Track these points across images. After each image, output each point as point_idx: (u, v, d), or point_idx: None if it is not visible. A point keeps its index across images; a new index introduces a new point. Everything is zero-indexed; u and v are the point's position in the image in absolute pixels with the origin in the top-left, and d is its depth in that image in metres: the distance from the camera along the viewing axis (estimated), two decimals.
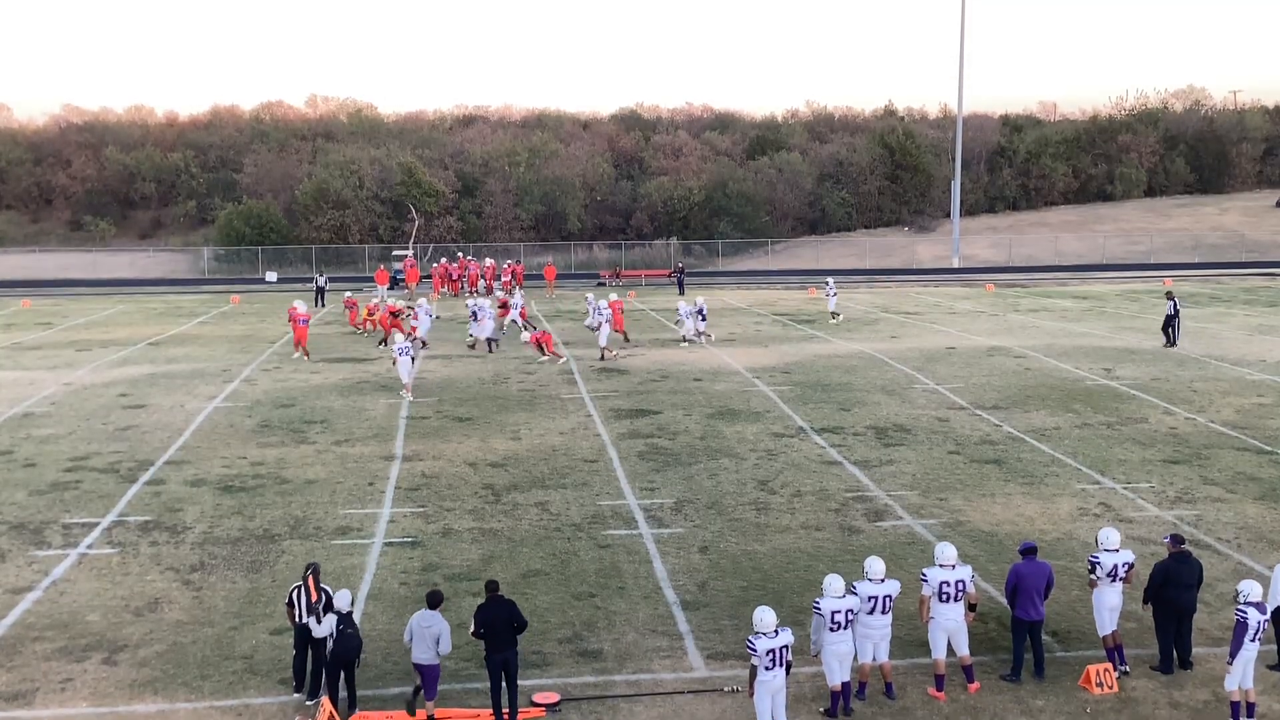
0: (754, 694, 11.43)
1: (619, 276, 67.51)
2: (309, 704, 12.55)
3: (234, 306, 40.65)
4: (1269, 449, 23.48)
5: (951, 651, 12.91)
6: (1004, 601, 13.95)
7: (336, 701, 12.24)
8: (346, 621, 12.32)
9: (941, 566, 12.85)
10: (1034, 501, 19.91)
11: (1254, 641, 11.92)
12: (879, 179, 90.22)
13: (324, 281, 54.93)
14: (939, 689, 12.71)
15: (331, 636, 12.32)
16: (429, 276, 60.35)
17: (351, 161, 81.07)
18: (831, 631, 12.21)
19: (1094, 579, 13.36)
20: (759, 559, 17.06)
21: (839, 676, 12.24)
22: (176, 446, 24.10)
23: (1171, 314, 37.10)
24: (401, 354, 29.23)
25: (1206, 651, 13.65)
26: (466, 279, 58.77)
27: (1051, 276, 69.44)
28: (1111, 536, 13.47)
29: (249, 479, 21.51)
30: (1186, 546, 13.69)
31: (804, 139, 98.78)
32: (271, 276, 68.53)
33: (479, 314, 37.34)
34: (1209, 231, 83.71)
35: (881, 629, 12.61)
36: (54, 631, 14.50)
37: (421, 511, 19.42)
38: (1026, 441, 24.20)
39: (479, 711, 12.30)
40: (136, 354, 37.16)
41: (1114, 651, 13.29)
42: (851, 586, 12.58)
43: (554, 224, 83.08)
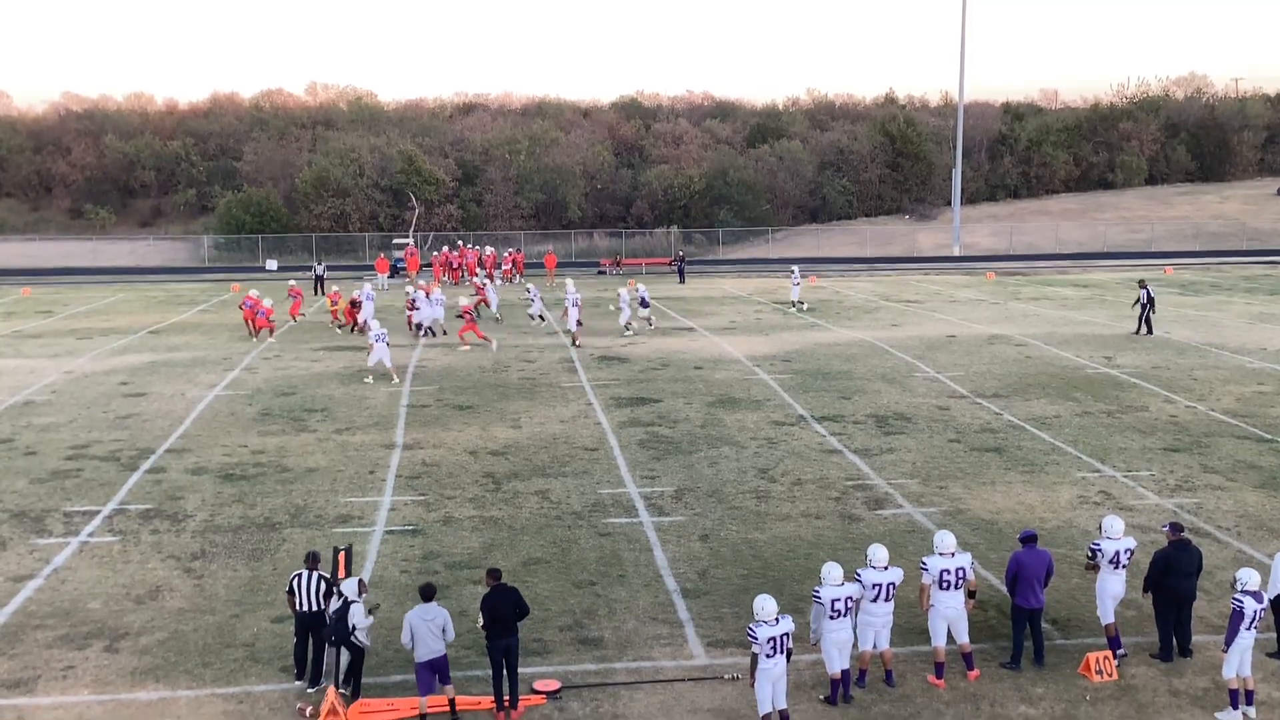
0: (754, 682, 11.46)
1: (619, 265, 67.41)
2: (310, 691, 12.59)
3: (235, 294, 40.98)
4: (1269, 437, 23.49)
5: (951, 639, 12.94)
6: (1004, 589, 13.98)
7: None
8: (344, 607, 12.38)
9: (941, 554, 12.87)
10: (1034, 490, 19.93)
11: (1250, 630, 11.94)
12: (880, 167, 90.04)
13: (322, 270, 54.86)
14: (939, 676, 12.74)
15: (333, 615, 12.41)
16: (429, 264, 60.32)
17: (351, 149, 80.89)
18: (831, 619, 12.24)
19: (1093, 564, 13.39)
20: (759, 547, 17.08)
21: (839, 664, 12.27)
22: (177, 435, 24.12)
23: (1145, 303, 37.05)
24: (378, 340, 29.76)
25: (1206, 639, 13.68)
26: (466, 267, 58.74)
27: (1052, 264, 69.37)
28: (1115, 525, 13.48)
29: (250, 467, 21.53)
30: (1186, 534, 13.71)
31: (805, 127, 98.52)
32: (272, 265, 68.47)
33: (418, 301, 37.95)
34: (1210, 220, 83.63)
35: (884, 617, 12.64)
36: (55, 619, 14.53)
37: (422, 500, 19.44)
38: (1027, 430, 24.21)
39: (480, 699, 12.33)
40: (137, 342, 37.16)
41: (1115, 640, 13.33)
42: (855, 574, 12.62)
43: (554, 212, 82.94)
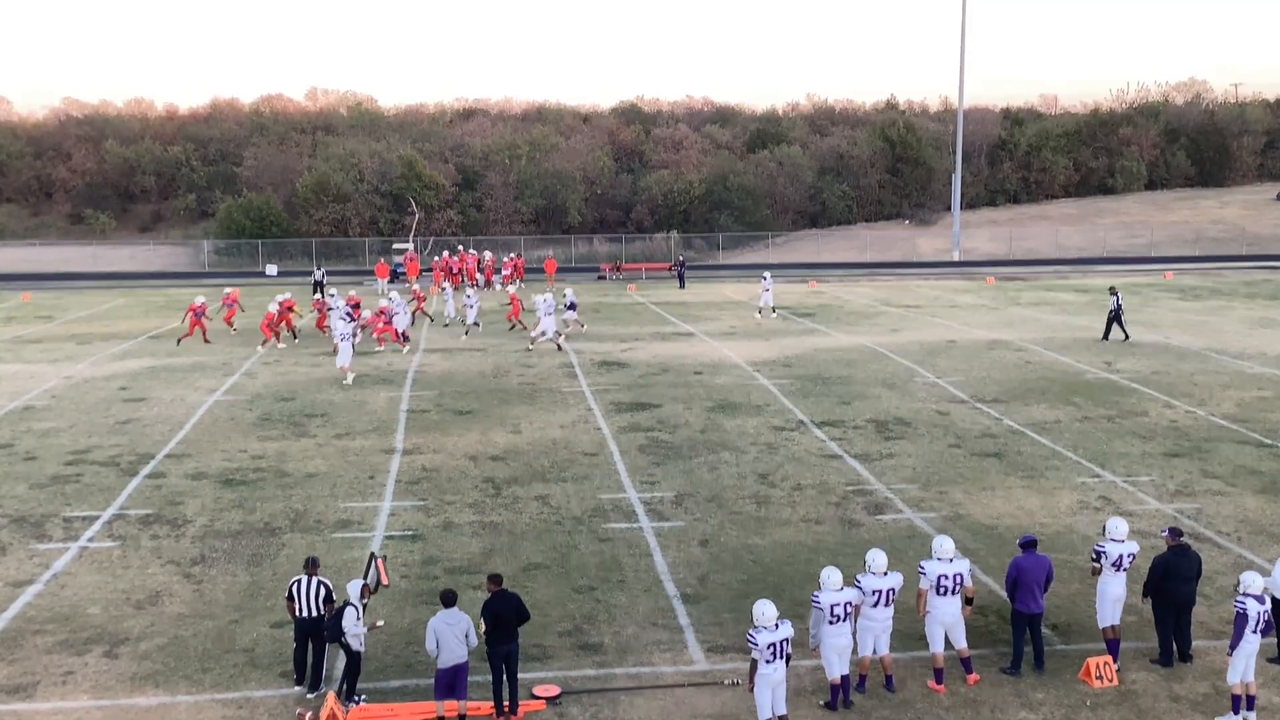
0: (754, 687, 11.45)
1: (619, 270, 67.42)
2: (310, 696, 12.58)
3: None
4: (1269, 442, 23.49)
5: (950, 645, 12.93)
6: (1004, 595, 13.97)
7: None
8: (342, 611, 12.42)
9: (939, 560, 12.87)
10: (1034, 495, 19.92)
11: (1255, 634, 11.94)
12: (880, 172, 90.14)
13: (321, 275, 54.84)
14: (938, 682, 12.74)
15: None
16: (430, 270, 60.29)
17: (351, 155, 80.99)
18: (830, 625, 12.23)
19: (1097, 567, 13.38)
20: (759, 552, 17.08)
21: (838, 669, 12.26)
22: (177, 440, 24.11)
23: (1115, 309, 36.98)
24: (343, 339, 30.91)
25: (1206, 644, 13.68)
26: (466, 272, 58.74)
27: (1052, 270, 69.37)
28: (1120, 527, 13.48)
29: (249, 472, 21.53)
30: (1186, 539, 13.71)
31: (804, 132, 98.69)
32: (272, 270, 68.45)
33: (396, 308, 37.53)
34: (1209, 225, 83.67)
35: (884, 622, 12.64)
36: (55, 625, 14.52)
37: (422, 505, 19.43)
38: (1027, 435, 24.21)
39: (479, 704, 12.32)
40: (137, 347, 37.15)
41: (1114, 644, 13.32)
42: (855, 580, 12.62)
43: (554, 217, 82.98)
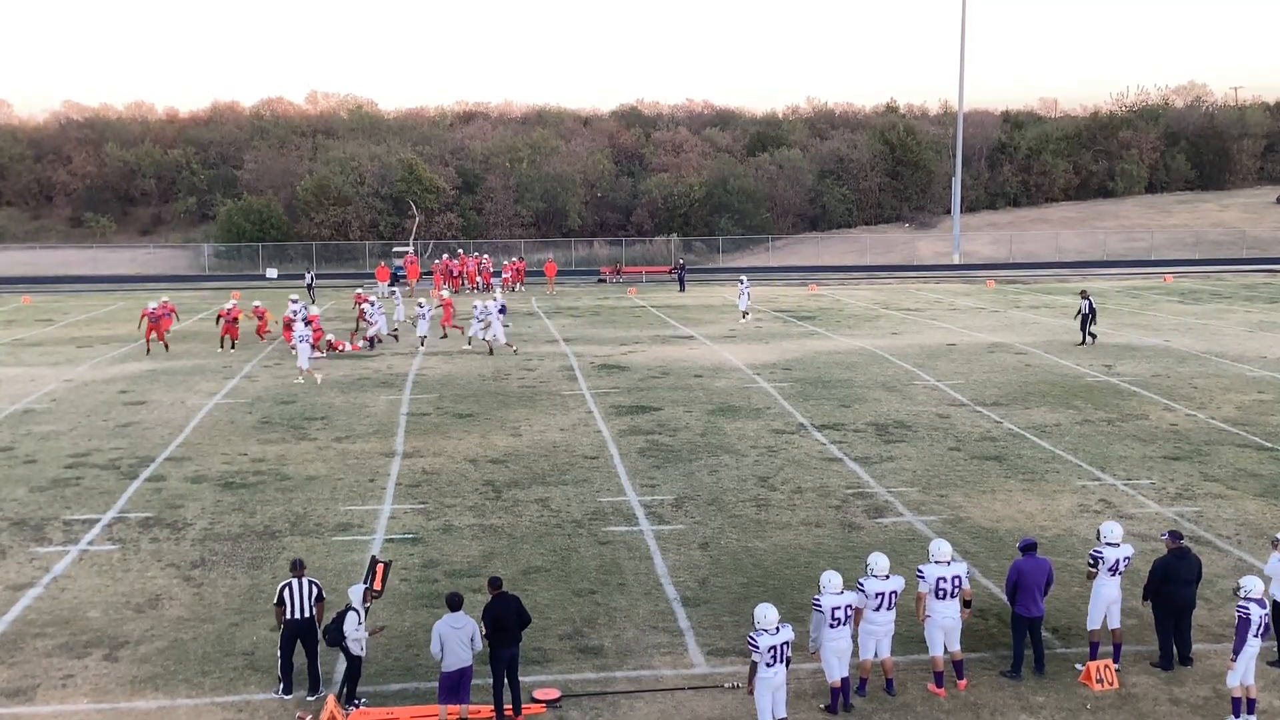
0: (754, 690, 11.44)
1: (620, 273, 67.47)
2: (310, 699, 12.57)
3: (235, 302, 41.29)
4: (1269, 445, 23.49)
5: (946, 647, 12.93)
6: (1004, 598, 13.96)
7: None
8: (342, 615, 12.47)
9: (937, 563, 12.86)
10: (1034, 498, 19.92)
11: (1257, 637, 11.93)
12: (880, 175, 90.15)
13: (310, 278, 54.87)
14: (938, 685, 12.72)
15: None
16: (430, 273, 60.33)
17: (352, 158, 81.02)
18: (831, 628, 12.22)
19: (1093, 571, 13.38)
20: (759, 555, 17.07)
21: (839, 672, 12.25)
22: (177, 443, 24.11)
23: (1086, 312, 37.07)
24: (300, 341, 31.88)
25: (1206, 648, 13.67)
26: (466, 275, 58.81)
27: (1052, 273, 69.43)
28: (1115, 530, 13.47)
29: (250, 475, 21.52)
30: (1185, 543, 13.71)
31: (804, 135, 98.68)
32: (272, 273, 68.49)
33: (371, 313, 38.32)
34: (1210, 228, 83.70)
35: (886, 626, 12.63)
36: (55, 628, 14.51)
37: (422, 508, 19.43)
38: (1027, 438, 24.20)
39: (479, 708, 12.31)
40: (137, 350, 37.13)
41: (1117, 648, 13.31)
42: (857, 583, 12.61)
43: (554, 221, 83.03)
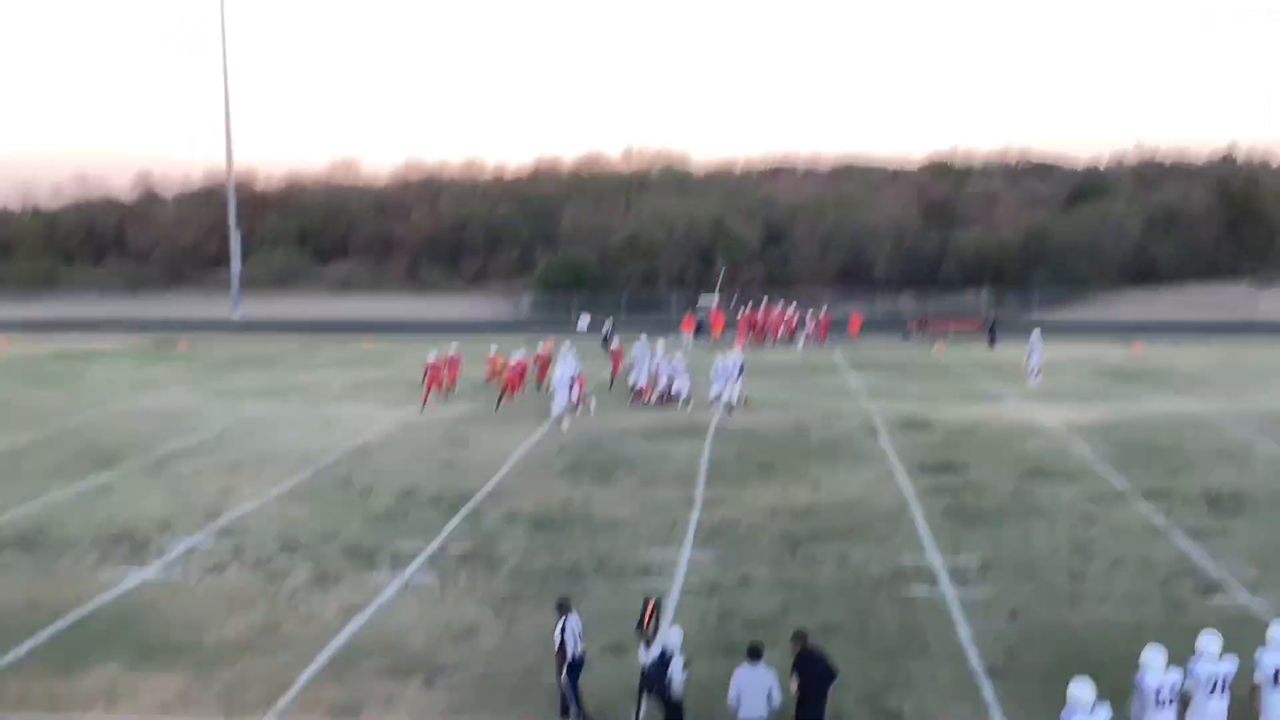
0: None
1: (926, 326, 65.87)
2: None
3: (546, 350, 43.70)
4: None
5: None
6: None
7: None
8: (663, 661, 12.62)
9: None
10: None
11: None
12: (1215, 228, 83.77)
13: (609, 327, 55.83)
14: None
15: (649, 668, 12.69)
16: (735, 324, 61.04)
17: (662, 212, 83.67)
18: (1155, 708, 11.32)
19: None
20: (1073, 629, 16.06)
21: None
22: (494, 482, 25.45)
23: None
24: (560, 387, 32.16)
25: None
26: (770, 326, 59.10)
27: None
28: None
29: (558, 516, 22.39)
30: None
31: (1131, 185, 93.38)
32: (583, 323, 71.26)
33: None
34: None
35: (1218, 715, 11.56)
36: (380, 651, 15.56)
37: (720, 557, 19.56)
38: None
39: None
40: (460, 393, 39.42)
41: None
42: (1187, 667, 11.66)
43: (860, 273, 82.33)
